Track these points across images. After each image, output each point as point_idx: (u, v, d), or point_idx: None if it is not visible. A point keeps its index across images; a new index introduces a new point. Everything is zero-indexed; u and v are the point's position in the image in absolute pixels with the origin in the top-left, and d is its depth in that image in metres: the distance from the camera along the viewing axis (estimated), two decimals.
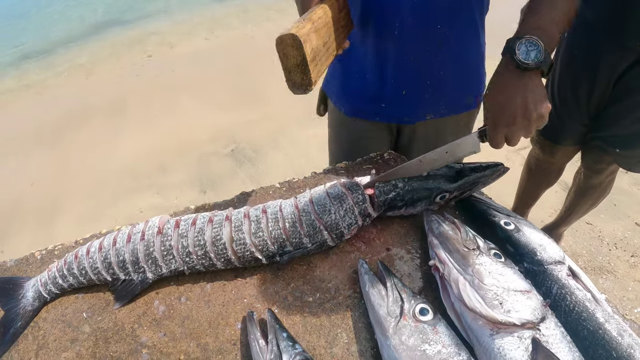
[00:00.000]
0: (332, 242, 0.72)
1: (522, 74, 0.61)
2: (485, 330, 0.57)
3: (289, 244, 0.69)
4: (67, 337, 0.69)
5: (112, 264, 0.71)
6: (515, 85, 0.61)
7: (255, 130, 2.70)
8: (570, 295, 0.64)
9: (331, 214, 0.70)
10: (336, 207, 0.71)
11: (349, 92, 1.01)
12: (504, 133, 0.63)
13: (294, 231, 0.69)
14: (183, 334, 0.66)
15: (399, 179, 0.73)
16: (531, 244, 0.70)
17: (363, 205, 0.72)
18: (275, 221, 0.70)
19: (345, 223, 0.71)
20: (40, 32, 4.82)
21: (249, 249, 0.69)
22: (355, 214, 0.71)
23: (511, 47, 0.61)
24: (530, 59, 0.60)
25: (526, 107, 0.60)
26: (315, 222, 0.70)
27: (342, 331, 0.64)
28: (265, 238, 0.69)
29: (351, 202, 0.72)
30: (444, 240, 0.68)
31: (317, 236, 0.70)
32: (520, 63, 0.60)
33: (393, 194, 0.73)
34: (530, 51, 0.60)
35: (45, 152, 2.78)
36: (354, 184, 0.75)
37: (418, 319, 0.58)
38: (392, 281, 0.63)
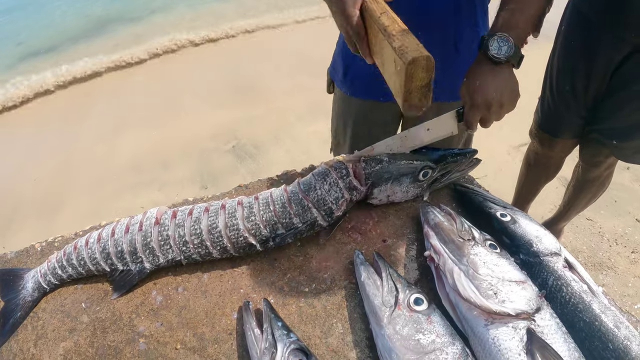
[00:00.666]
0: (322, 220, 0.72)
1: (495, 66, 0.69)
2: (480, 321, 0.57)
3: (280, 226, 0.70)
4: (65, 327, 0.69)
5: (110, 254, 0.72)
6: (490, 75, 0.69)
7: (257, 127, 2.70)
8: (567, 286, 0.64)
9: (316, 190, 0.72)
10: (320, 182, 0.72)
11: (353, 72, 1.03)
12: (478, 116, 0.70)
13: (284, 211, 0.70)
14: (180, 324, 0.66)
15: (384, 154, 0.75)
16: (527, 235, 0.70)
17: (347, 178, 0.73)
18: (266, 205, 0.72)
19: (332, 197, 0.72)
20: (40, 29, 4.84)
21: (243, 234, 0.70)
22: (340, 187, 0.72)
23: (485, 43, 0.69)
24: (502, 54, 0.68)
25: (500, 94, 0.68)
26: (302, 200, 0.71)
27: (337, 321, 0.64)
28: (258, 222, 0.70)
29: (334, 176, 0.73)
30: (439, 230, 0.68)
31: (306, 215, 0.71)
32: (493, 57, 0.68)
33: (379, 166, 0.75)
34: (502, 46, 0.68)
35: (48, 148, 2.80)
36: (336, 160, 0.76)
37: (412, 308, 0.58)
38: (388, 271, 0.63)
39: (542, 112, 1.35)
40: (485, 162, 0.88)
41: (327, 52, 1.42)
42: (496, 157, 2.27)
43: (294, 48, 3.65)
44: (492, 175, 2.17)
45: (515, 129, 2.50)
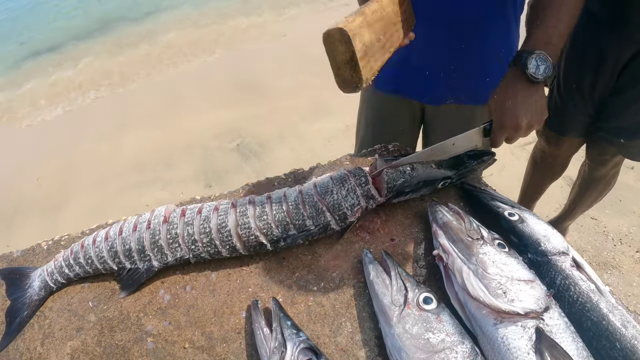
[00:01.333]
0: (335, 224, 0.72)
1: (531, 86, 0.66)
2: (489, 320, 0.57)
3: (292, 226, 0.70)
4: (72, 326, 0.70)
5: (118, 252, 0.72)
6: (524, 96, 0.66)
7: (261, 125, 2.70)
8: (574, 286, 0.64)
9: (333, 194, 0.71)
10: (338, 187, 0.72)
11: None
12: (506, 135, 0.69)
13: (297, 213, 0.70)
14: (188, 323, 0.67)
15: (406, 165, 0.75)
16: (535, 234, 0.69)
17: (366, 186, 0.73)
18: (279, 204, 0.71)
19: (348, 204, 0.71)
20: (45, 29, 4.84)
21: (254, 233, 0.69)
22: (358, 195, 0.72)
23: (523, 61, 0.65)
24: (540, 74, 0.65)
25: (531, 116, 0.66)
26: (317, 203, 0.71)
27: (346, 320, 0.64)
28: (270, 221, 0.70)
29: (353, 183, 0.72)
30: (447, 230, 0.68)
31: (320, 218, 0.70)
32: (531, 77, 0.65)
33: (402, 180, 0.74)
34: (540, 65, 0.65)
35: (52, 147, 2.80)
36: (357, 167, 0.76)
37: (422, 307, 0.58)
38: (396, 270, 0.63)
39: (549, 110, 1.34)
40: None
41: None
42: (501, 156, 2.25)
43: (298, 46, 3.64)
44: (497, 173, 2.17)
45: None
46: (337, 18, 0.56)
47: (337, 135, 2.51)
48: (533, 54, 0.65)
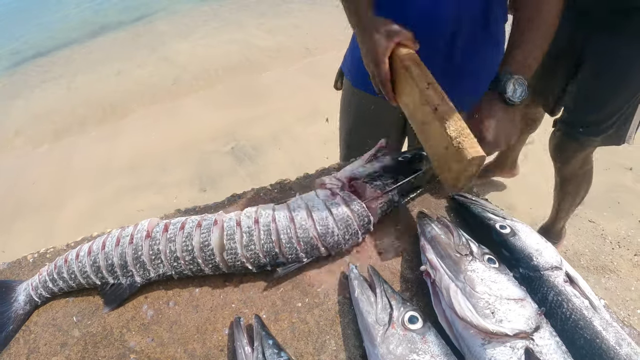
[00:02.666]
0: (326, 253, 0.72)
1: (507, 108, 0.70)
2: (477, 340, 0.55)
3: (281, 256, 0.68)
4: (57, 341, 0.69)
5: (100, 267, 0.71)
6: (502, 117, 0.70)
7: (255, 128, 2.68)
8: (567, 302, 0.62)
9: (334, 236, 0.69)
10: (342, 231, 0.70)
11: (358, 64, 1.03)
12: (486, 150, 0.71)
13: (290, 247, 0.68)
14: (171, 339, 0.65)
15: (395, 193, 0.76)
16: (527, 248, 0.68)
17: (368, 226, 0.73)
18: (268, 234, 0.68)
19: (348, 244, 0.72)
20: (41, 31, 4.82)
21: (240, 259, 0.68)
22: (359, 235, 0.72)
23: (502, 85, 0.69)
24: (516, 97, 0.69)
25: (507, 139, 0.71)
26: (313, 239, 0.69)
27: (330, 338, 0.63)
28: (257, 251, 0.68)
29: (356, 226, 0.71)
30: (435, 244, 0.66)
31: (314, 252, 0.70)
32: (508, 100, 0.69)
33: (389, 207, 0.76)
34: (517, 89, 0.69)
35: (47, 151, 2.79)
36: (356, 204, 0.72)
37: (407, 327, 0.56)
38: (382, 287, 0.62)
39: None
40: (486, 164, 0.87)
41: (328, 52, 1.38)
42: None
43: (293, 48, 3.62)
44: (493, 175, 2.15)
45: None
46: (471, 144, 0.61)
47: (331, 138, 2.49)
48: (512, 78, 0.68)
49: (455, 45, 0.88)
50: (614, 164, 2.19)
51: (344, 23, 0.85)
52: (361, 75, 1.06)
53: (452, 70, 0.90)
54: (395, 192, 0.76)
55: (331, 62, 2.61)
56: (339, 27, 3.13)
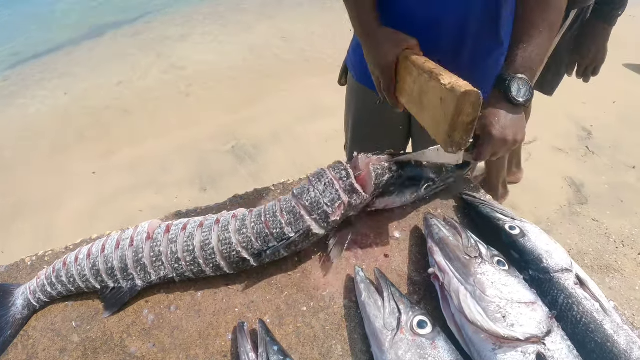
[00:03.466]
0: (317, 227, 0.67)
1: (513, 108, 0.69)
2: (487, 345, 0.54)
3: (272, 237, 0.67)
4: (56, 346, 0.67)
5: (100, 271, 0.69)
6: (508, 118, 0.69)
7: (256, 127, 2.66)
8: (578, 305, 0.61)
9: (310, 192, 0.68)
10: (315, 184, 0.68)
11: (362, 59, 1.02)
12: (494, 150, 0.71)
13: (274, 221, 0.67)
14: (172, 345, 0.64)
15: (392, 163, 0.73)
16: (537, 250, 0.66)
17: (347, 180, 0.68)
18: (258, 216, 0.69)
19: (327, 199, 0.67)
20: (34, 34, 4.78)
21: (235, 248, 0.67)
22: (337, 188, 0.67)
23: (507, 85, 0.68)
24: (521, 97, 0.68)
25: (514, 136, 0.69)
26: (295, 207, 0.67)
27: (336, 343, 0.61)
28: (249, 234, 0.67)
29: (330, 176, 0.68)
30: (444, 247, 0.64)
31: (298, 223, 0.67)
32: (513, 100, 0.68)
33: (388, 175, 0.72)
34: (521, 89, 0.68)
35: (46, 151, 2.77)
36: (336, 162, 0.72)
37: (416, 332, 0.55)
38: (390, 291, 0.60)
39: None
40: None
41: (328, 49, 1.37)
42: None
43: (293, 45, 3.60)
44: None
45: None
46: (452, 78, 0.59)
47: (333, 137, 2.47)
48: (515, 77, 0.68)
49: (461, 51, 0.87)
50: (617, 162, 2.18)
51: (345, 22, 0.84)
52: (365, 71, 1.05)
53: (458, 74, 0.89)
54: (394, 164, 0.73)
55: (332, 60, 2.60)
56: (340, 25, 3.10)
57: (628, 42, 3.29)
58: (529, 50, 0.70)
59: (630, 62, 3.11)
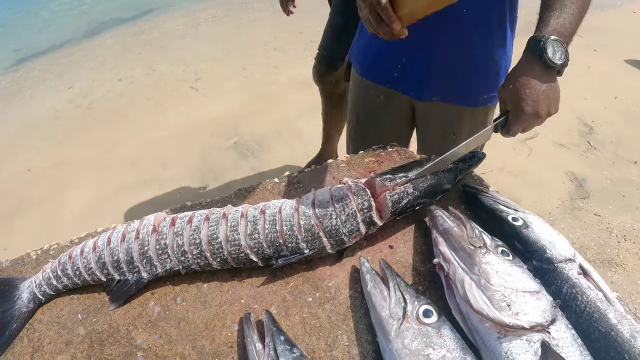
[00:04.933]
0: (331, 249, 0.68)
1: (548, 73, 0.63)
2: (492, 333, 0.54)
3: (285, 248, 0.67)
4: (62, 339, 0.67)
5: (106, 264, 0.69)
6: (540, 82, 0.63)
7: (258, 122, 2.66)
8: (582, 295, 0.61)
9: (332, 219, 0.67)
10: (338, 211, 0.67)
11: (365, 54, 1.05)
12: (525, 124, 0.66)
13: (291, 235, 0.66)
14: (179, 336, 0.64)
15: (408, 185, 0.70)
16: (540, 240, 0.66)
17: (368, 213, 0.68)
18: (273, 223, 0.67)
19: (346, 229, 0.67)
20: (37, 31, 4.77)
21: (244, 251, 0.67)
22: (358, 221, 0.67)
23: (541, 46, 0.62)
24: (557, 59, 0.62)
25: (548, 109, 0.64)
26: (314, 227, 0.67)
27: (342, 333, 0.62)
28: (261, 240, 0.66)
29: (354, 207, 0.68)
30: (448, 237, 0.65)
31: (315, 242, 0.67)
32: (550, 62, 0.62)
33: (405, 201, 0.70)
34: (557, 51, 0.62)
35: (49, 145, 2.77)
36: (360, 188, 0.70)
37: (422, 321, 0.55)
38: (395, 281, 0.61)
39: None
40: (489, 157, 0.86)
41: None
42: (502, 153, 2.23)
43: (295, 39, 3.59)
44: (497, 170, 2.14)
45: None
46: None
47: None
48: (550, 39, 0.62)
49: (461, 29, 0.86)
50: (618, 157, 2.18)
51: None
52: (368, 64, 1.06)
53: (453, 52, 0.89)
54: (410, 185, 0.71)
55: None
56: None
57: (629, 37, 3.29)
58: (562, 17, 0.65)
59: (631, 58, 3.11)
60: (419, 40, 0.89)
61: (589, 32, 3.48)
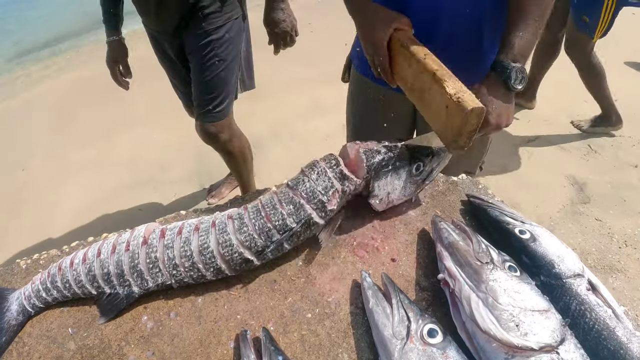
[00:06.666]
0: (317, 217, 0.67)
1: (508, 95, 0.73)
2: (500, 354, 0.52)
3: (275, 231, 0.66)
4: (52, 354, 0.65)
5: (96, 276, 0.67)
6: (503, 105, 0.72)
7: (255, 124, 2.63)
8: (590, 311, 0.59)
9: (305, 183, 0.68)
10: (308, 174, 0.69)
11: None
12: (484, 132, 0.73)
13: (275, 213, 0.66)
14: (172, 353, 0.61)
15: (381, 145, 0.73)
16: (548, 255, 0.64)
17: (337, 168, 0.69)
18: (257, 212, 0.67)
19: (320, 187, 0.67)
20: (36, 25, 4.72)
21: (237, 250, 0.65)
22: (329, 176, 0.68)
23: (508, 73, 0.70)
24: (518, 84, 0.71)
25: (507, 121, 0.73)
26: (293, 197, 0.67)
27: (343, 351, 0.59)
28: (251, 232, 0.65)
29: (322, 165, 0.69)
30: (454, 251, 0.62)
31: (299, 212, 0.66)
32: (512, 88, 0.71)
33: (379, 157, 0.71)
34: (518, 77, 0.71)
35: (44, 147, 2.73)
36: (327, 154, 0.73)
37: (426, 341, 0.53)
38: (398, 297, 0.58)
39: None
40: (490, 160, 0.85)
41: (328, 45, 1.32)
42: (502, 156, 2.21)
43: None
44: (497, 174, 2.12)
45: (520, 125, 2.44)
46: (460, 89, 0.63)
47: (333, 134, 2.45)
48: (515, 66, 0.70)
49: (453, 44, 0.87)
50: (619, 161, 2.16)
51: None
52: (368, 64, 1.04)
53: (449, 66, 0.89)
54: (383, 145, 0.73)
55: (332, 56, 2.55)
56: (340, 21, 3.06)
57: (629, 39, 3.27)
58: (525, 38, 0.72)
59: (631, 60, 3.09)
60: (421, 40, 0.88)
61: None
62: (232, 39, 1.44)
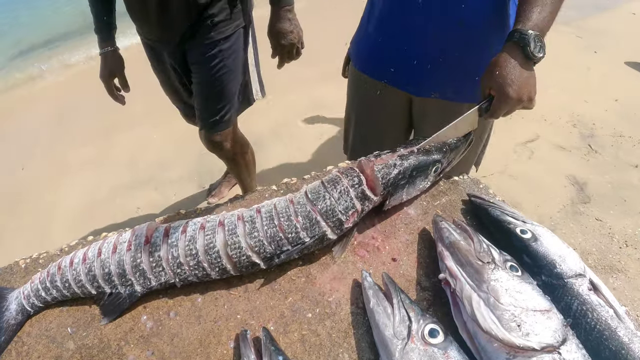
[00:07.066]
0: (332, 234, 0.67)
1: (529, 64, 0.69)
2: (501, 355, 0.52)
3: (286, 241, 0.65)
4: (51, 353, 0.64)
5: (96, 276, 0.66)
6: (523, 76, 0.68)
7: (256, 123, 2.62)
8: (592, 312, 0.59)
9: (325, 200, 0.66)
10: (330, 191, 0.67)
11: (364, 48, 1.06)
12: (508, 107, 0.70)
13: (289, 225, 0.65)
14: (172, 353, 0.61)
15: (395, 158, 0.72)
16: (550, 255, 0.64)
17: (359, 187, 0.68)
18: (270, 219, 0.66)
19: (341, 207, 0.66)
20: (37, 24, 4.71)
21: (245, 253, 0.64)
22: (351, 197, 0.67)
23: (526, 39, 0.67)
24: (537, 53, 0.68)
25: (529, 94, 0.69)
26: (310, 212, 0.66)
27: (343, 351, 0.59)
28: (261, 238, 0.65)
29: (345, 184, 0.68)
30: (455, 251, 0.62)
31: (314, 228, 0.65)
32: (531, 55, 0.67)
33: (395, 172, 0.70)
34: (537, 45, 0.68)
35: (42, 147, 2.73)
36: (348, 168, 0.72)
37: (427, 341, 0.52)
38: (399, 297, 0.58)
39: None
40: (490, 160, 0.85)
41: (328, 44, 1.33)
42: (503, 156, 2.20)
43: None
44: (498, 174, 2.12)
45: (521, 124, 2.44)
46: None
47: (333, 133, 2.45)
48: (533, 34, 0.67)
49: (464, 29, 0.86)
50: (620, 161, 2.16)
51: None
52: (367, 60, 1.05)
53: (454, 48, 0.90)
54: (397, 157, 0.71)
55: (331, 56, 2.56)
56: (339, 20, 3.06)
57: (629, 40, 3.27)
58: (543, 15, 0.70)
59: (632, 60, 3.09)
60: (418, 36, 0.90)
61: (589, 33, 3.46)
62: (239, 48, 1.36)
